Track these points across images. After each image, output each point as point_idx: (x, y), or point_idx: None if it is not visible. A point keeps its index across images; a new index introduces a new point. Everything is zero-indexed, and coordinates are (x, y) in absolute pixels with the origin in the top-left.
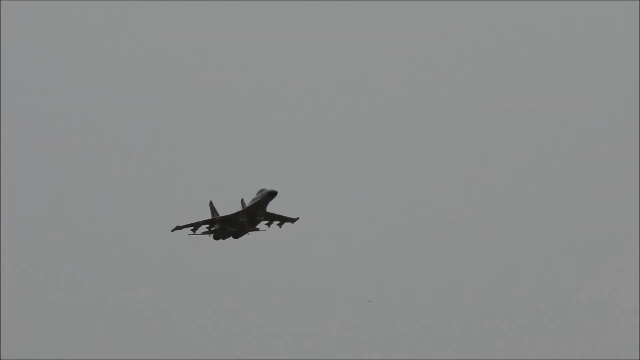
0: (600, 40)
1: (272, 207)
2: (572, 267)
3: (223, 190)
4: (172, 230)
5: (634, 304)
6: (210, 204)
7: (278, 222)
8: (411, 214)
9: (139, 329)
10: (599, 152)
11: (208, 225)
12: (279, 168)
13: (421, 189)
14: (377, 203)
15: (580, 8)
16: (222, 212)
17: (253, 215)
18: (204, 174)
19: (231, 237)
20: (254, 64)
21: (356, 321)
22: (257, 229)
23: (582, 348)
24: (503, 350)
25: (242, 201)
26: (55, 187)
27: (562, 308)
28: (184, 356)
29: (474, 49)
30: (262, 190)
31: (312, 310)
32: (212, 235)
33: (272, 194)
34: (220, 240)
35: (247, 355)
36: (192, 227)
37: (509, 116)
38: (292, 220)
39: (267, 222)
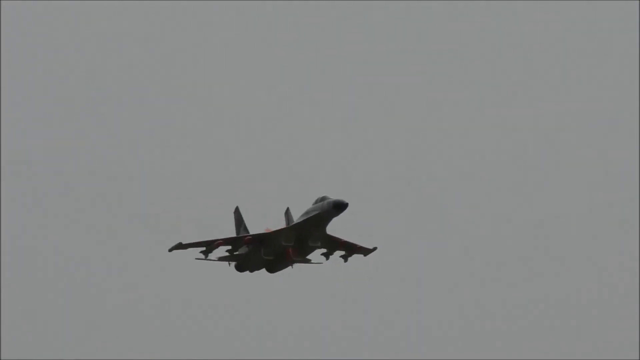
0: (600, 40)
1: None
2: (572, 267)
3: (258, 193)
4: (170, 250)
5: (634, 304)
6: (237, 212)
7: (344, 252)
8: (411, 213)
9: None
10: (599, 152)
11: (230, 248)
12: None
13: (421, 187)
14: (377, 202)
15: (580, 8)
16: (254, 227)
17: (304, 236)
18: (231, 168)
19: (264, 269)
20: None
21: (356, 321)
22: (309, 260)
23: (582, 348)
24: (503, 350)
25: (288, 212)
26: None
27: (562, 308)
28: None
29: (474, 49)
30: (323, 199)
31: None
32: (233, 263)
33: (339, 206)
34: (247, 272)
35: (245, 355)
36: (204, 248)
37: (509, 116)
38: (367, 252)
39: (325, 250)
